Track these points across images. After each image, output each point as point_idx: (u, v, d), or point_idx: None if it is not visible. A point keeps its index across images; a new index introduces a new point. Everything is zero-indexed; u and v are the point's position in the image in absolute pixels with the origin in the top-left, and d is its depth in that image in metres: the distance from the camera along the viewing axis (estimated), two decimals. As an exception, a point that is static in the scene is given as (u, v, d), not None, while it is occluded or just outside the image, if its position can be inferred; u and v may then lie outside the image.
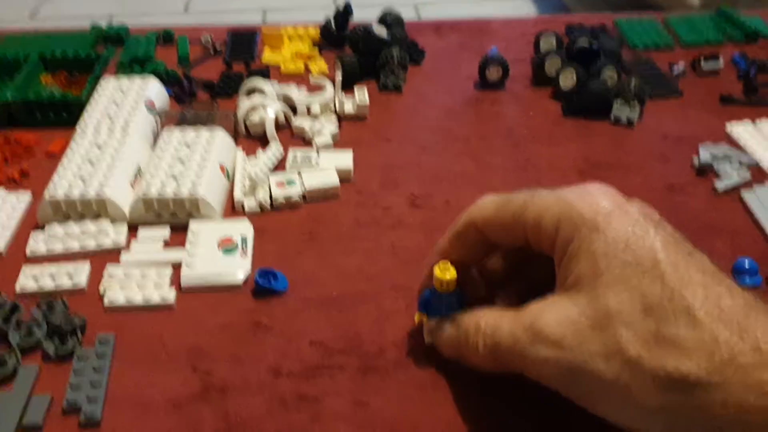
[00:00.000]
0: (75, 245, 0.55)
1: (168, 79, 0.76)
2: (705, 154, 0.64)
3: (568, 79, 0.73)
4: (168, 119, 0.66)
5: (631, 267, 0.35)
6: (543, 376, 0.38)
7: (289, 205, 0.60)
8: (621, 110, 0.70)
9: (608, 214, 0.37)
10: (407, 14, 0.84)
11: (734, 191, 0.62)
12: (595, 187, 0.40)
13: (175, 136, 0.63)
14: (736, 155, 0.64)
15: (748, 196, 0.61)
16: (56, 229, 0.56)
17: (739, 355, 0.32)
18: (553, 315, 0.37)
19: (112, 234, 0.56)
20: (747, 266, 0.53)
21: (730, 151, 0.65)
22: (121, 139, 0.62)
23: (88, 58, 0.76)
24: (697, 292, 0.34)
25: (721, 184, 0.62)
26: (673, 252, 0.36)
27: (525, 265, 0.46)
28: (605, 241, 0.36)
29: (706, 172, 0.64)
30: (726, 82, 0.77)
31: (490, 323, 0.40)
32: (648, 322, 0.34)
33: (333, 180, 0.61)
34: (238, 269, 0.53)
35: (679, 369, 0.33)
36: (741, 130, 0.69)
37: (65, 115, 0.70)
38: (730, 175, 0.62)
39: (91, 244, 0.55)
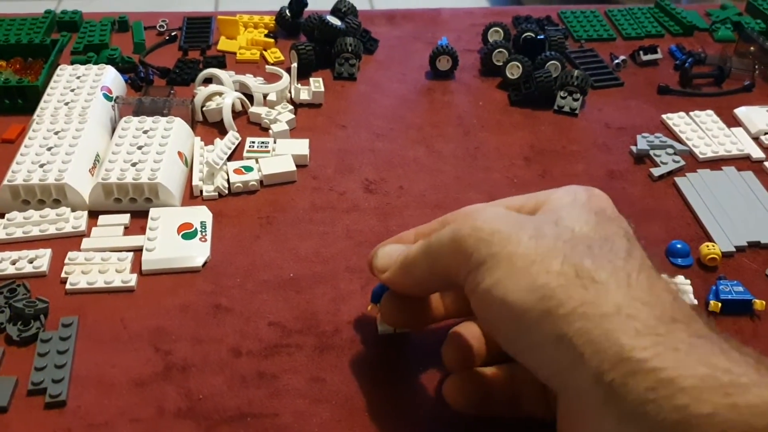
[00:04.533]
0: (35, 231, 0.56)
1: (124, 66, 0.77)
2: (642, 142, 0.68)
3: (514, 70, 0.76)
4: (125, 106, 0.67)
5: (592, 214, 0.38)
6: (461, 243, 0.38)
7: (247, 190, 0.62)
8: (564, 100, 0.73)
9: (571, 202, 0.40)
10: (360, 3, 0.85)
11: (669, 178, 0.65)
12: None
13: (133, 123, 0.64)
14: (670, 143, 0.68)
15: (681, 182, 0.64)
16: (16, 215, 0.57)
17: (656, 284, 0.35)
18: (491, 214, 0.39)
19: (72, 220, 0.57)
20: (679, 248, 0.57)
21: (666, 139, 0.69)
22: (79, 127, 0.63)
23: (43, 44, 0.76)
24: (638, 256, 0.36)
25: (657, 171, 0.65)
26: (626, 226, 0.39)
27: None
28: (565, 202, 0.39)
29: (643, 159, 0.68)
30: (664, 73, 0.81)
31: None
32: (587, 240, 0.36)
33: (289, 166, 0.63)
34: (197, 254, 0.55)
35: (589, 267, 0.35)
36: (676, 119, 0.73)
37: (21, 101, 0.70)
38: (665, 163, 0.66)
39: (51, 230, 0.56)
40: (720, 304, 0.51)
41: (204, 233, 0.57)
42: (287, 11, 0.84)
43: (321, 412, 0.44)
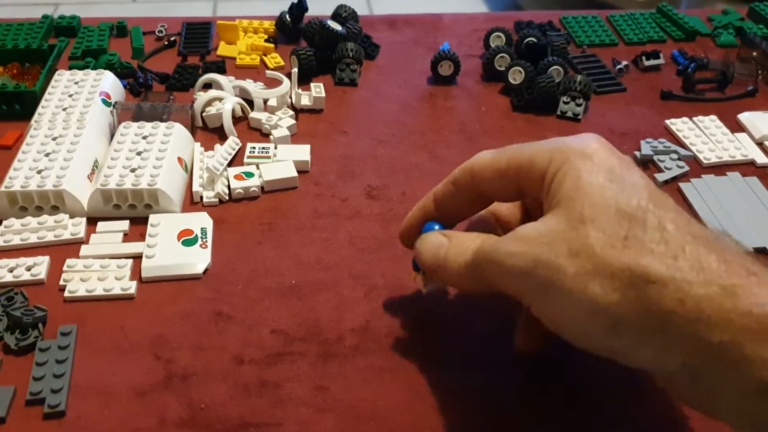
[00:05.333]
0: (33, 238, 0.55)
1: (122, 72, 0.76)
2: (646, 147, 0.68)
3: (517, 76, 0.75)
4: (124, 112, 0.66)
5: (612, 185, 0.37)
6: (506, 271, 0.38)
7: (248, 196, 0.61)
8: (567, 105, 0.73)
9: (598, 148, 0.39)
10: (358, 9, 0.85)
11: (673, 183, 0.65)
12: (590, 135, 0.41)
13: (132, 129, 0.63)
14: (674, 149, 0.68)
15: (686, 187, 0.64)
16: (13, 222, 0.56)
17: (704, 262, 0.33)
18: (533, 224, 0.39)
19: (71, 227, 0.56)
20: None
21: (670, 145, 0.68)
22: (77, 132, 0.62)
23: (40, 49, 0.76)
24: (669, 212, 0.36)
25: (661, 177, 0.65)
26: (653, 185, 0.38)
27: None
28: (591, 164, 0.38)
29: (647, 165, 0.67)
30: (666, 79, 0.81)
31: (479, 241, 0.42)
32: (620, 227, 0.35)
33: (291, 172, 0.63)
34: (198, 260, 0.54)
35: (642, 264, 0.34)
36: (680, 124, 0.72)
37: (18, 107, 0.69)
38: (669, 168, 0.66)
39: (49, 237, 0.55)
40: (728, 311, 0.51)
41: (204, 240, 0.56)
42: (287, 16, 0.84)
43: (324, 422, 0.44)
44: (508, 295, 0.40)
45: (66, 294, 0.51)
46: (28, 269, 0.53)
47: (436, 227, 0.46)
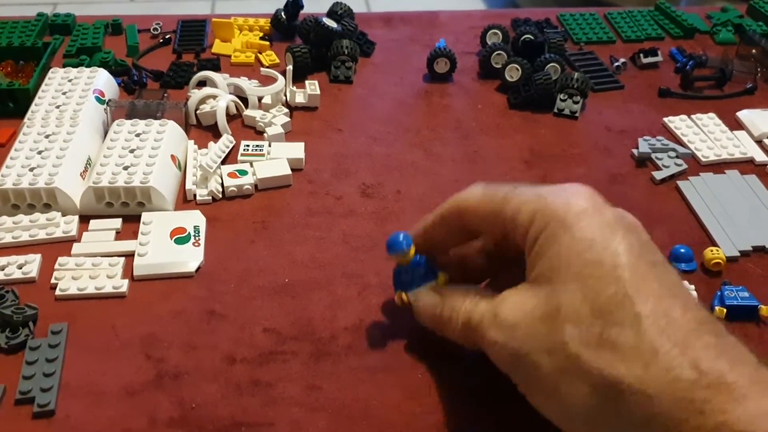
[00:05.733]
0: (25, 236, 0.55)
1: (117, 69, 0.75)
2: (644, 145, 0.67)
3: (513, 73, 0.75)
4: (117, 109, 0.65)
5: (590, 267, 0.36)
6: (494, 357, 0.40)
7: (242, 194, 0.60)
8: (564, 103, 0.72)
9: (580, 213, 0.38)
10: (356, 6, 0.84)
11: (671, 181, 0.64)
12: (575, 187, 0.40)
13: (125, 126, 0.63)
14: (672, 146, 0.67)
15: (684, 185, 0.63)
16: (5, 220, 0.56)
17: (676, 369, 0.32)
18: (512, 303, 0.39)
19: (63, 224, 0.56)
20: (683, 253, 0.56)
21: (668, 142, 0.68)
22: (70, 130, 0.61)
23: (34, 47, 0.75)
24: (648, 301, 0.34)
25: (659, 175, 0.64)
26: (635, 258, 0.36)
27: (505, 265, 0.46)
28: (571, 238, 0.37)
29: (645, 163, 0.67)
30: (664, 76, 0.80)
31: (470, 305, 0.42)
32: (595, 324, 0.34)
33: (285, 170, 0.62)
34: (190, 259, 0.54)
35: (613, 374, 0.33)
36: (678, 122, 0.72)
37: (11, 105, 0.69)
38: (667, 166, 0.65)
39: (41, 235, 0.55)
40: (725, 310, 0.50)
41: (197, 238, 0.55)
42: (283, 13, 0.83)
43: (317, 421, 0.43)
44: None
45: (57, 292, 0.51)
46: (20, 267, 0.52)
47: (401, 236, 0.45)
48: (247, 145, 0.65)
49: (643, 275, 0.35)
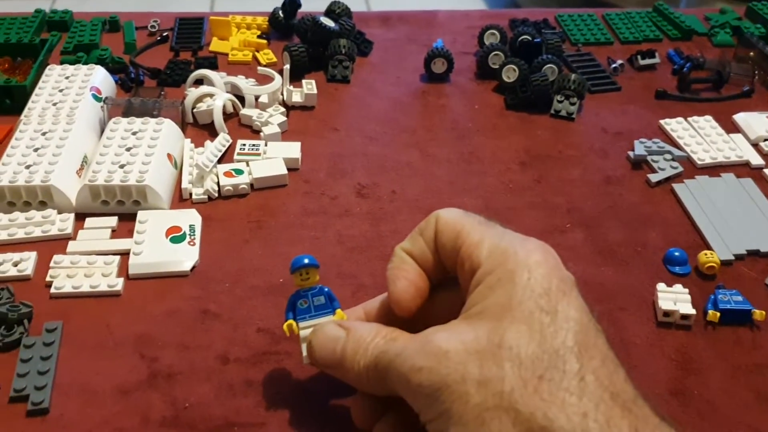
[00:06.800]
0: (20, 234, 0.55)
1: (114, 67, 0.75)
2: (640, 147, 0.67)
3: (510, 74, 0.75)
4: (114, 107, 0.65)
5: (543, 314, 0.35)
6: (412, 386, 0.36)
7: (237, 193, 0.61)
8: (561, 104, 0.72)
9: (539, 262, 0.37)
10: (356, 5, 0.84)
11: (667, 184, 0.64)
12: (539, 242, 0.39)
13: (122, 125, 0.63)
14: (668, 149, 0.67)
15: (679, 188, 0.64)
16: (1, 217, 0.56)
17: (614, 428, 0.32)
18: (447, 333, 0.37)
19: (59, 222, 0.56)
20: (677, 256, 0.56)
21: (664, 145, 0.68)
22: (66, 127, 0.62)
23: (32, 43, 0.75)
24: (593, 362, 0.34)
25: (654, 177, 0.64)
26: (587, 318, 0.36)
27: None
28: (528, 281, 0.36)
29: (640, 165, 0.67)
30: (662, 78, 0.80)
31: (382, 342, 0.39)
32: (537, 365, 0.34)
33: (281, 169, 0.62)
34: (185, 258, 0.54)
35: (547, 416, 0.32)
36: (674, 124, 0.72)
37: (8, 101, 0.69)
38: (663, 169, 0.65)
39: (36, 233, 0.55)
40: (719, 314, 0.50)
41: (193, 237, 0.55)
42: (280, 12, 0.83)
43: (309, 422, 0.43)
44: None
45: (52, 290, 0.51)
46: (15, 265, 0.52)
47: (306, 260, 0.42)
48: (244, 145, 0.65)
49: (592, 335, 0.35)
